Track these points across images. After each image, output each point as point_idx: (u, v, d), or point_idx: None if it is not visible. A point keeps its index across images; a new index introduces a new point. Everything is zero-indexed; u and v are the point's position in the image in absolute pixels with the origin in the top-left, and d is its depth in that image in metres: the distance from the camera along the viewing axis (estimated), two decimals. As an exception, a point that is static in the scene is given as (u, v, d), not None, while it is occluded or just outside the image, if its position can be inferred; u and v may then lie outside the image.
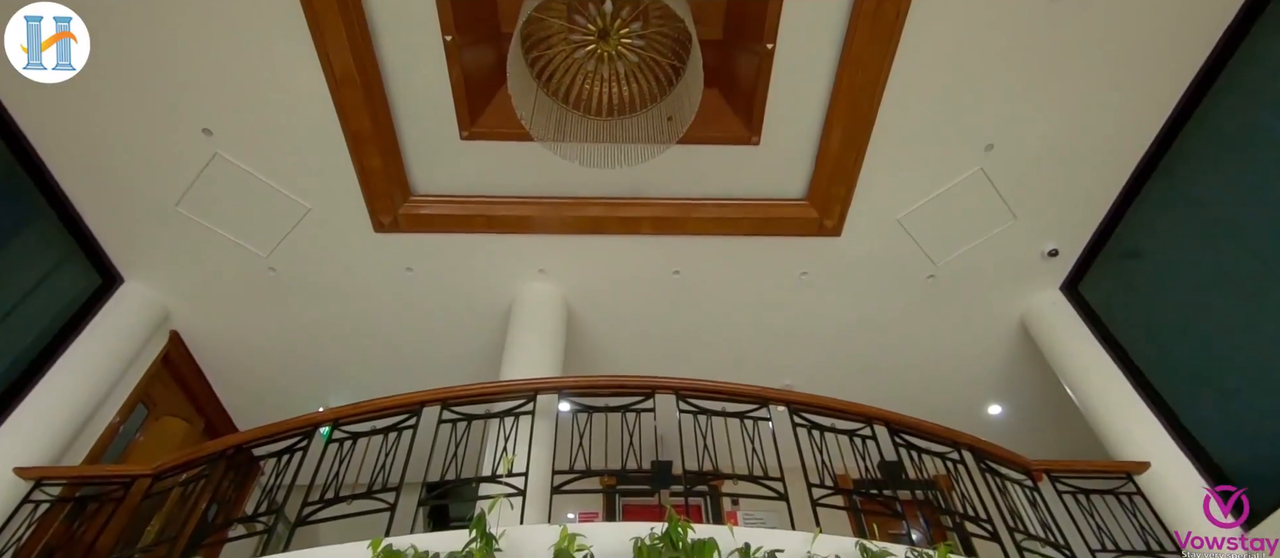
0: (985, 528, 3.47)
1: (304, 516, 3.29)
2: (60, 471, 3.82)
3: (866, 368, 6.09)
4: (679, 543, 2.67)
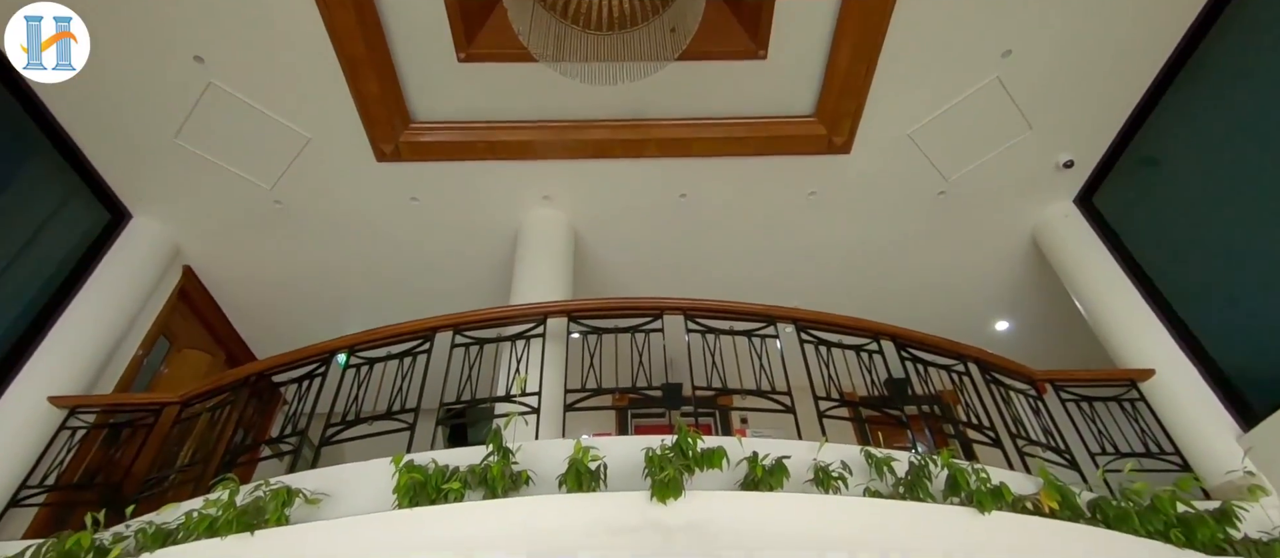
0: (988, 435, 3.56)
1: (327, 436, 3.42)
2: (92, 399, 3.97)
3: (874, 288, 6.11)
4: (689, 452, 2.76)
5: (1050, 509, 2.72)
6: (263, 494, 2.74)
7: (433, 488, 2.72)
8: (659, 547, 2.56)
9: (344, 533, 2.58)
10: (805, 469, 2.91)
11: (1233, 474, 3.40)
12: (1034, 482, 3.02)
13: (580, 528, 2.58)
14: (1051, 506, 2.71)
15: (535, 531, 2.58)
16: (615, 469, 2.88)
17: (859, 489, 2.85)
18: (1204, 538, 2.77)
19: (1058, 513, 2.72)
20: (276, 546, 2.56)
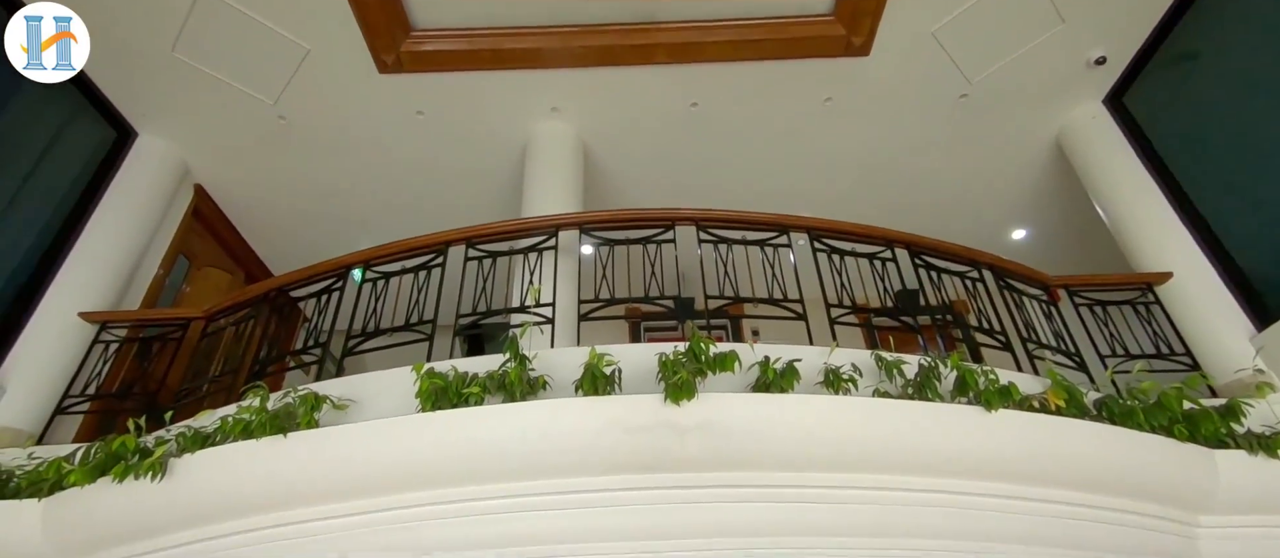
0: (998, 339, 3.59)
1: (349, 348, 3.52)
2: (120, 314, 4.10)
3: (890, 199, 6.00)
4: (702, 357, 2.81)
5: (1057, 407, 2.76)
6: (292, 400, 2.85)
7: (453, 393, 2.81)
8: (673, 445, 2.66)
9: (371, 435, 2.70)
10: (816, 373, 2.96)
11: (1242, 373, 3.42)
12: (1042, 383, 3.06)
13: (596, 428, 2.68)
14: (1058, 403, 2.76)
15: (553, 431, 2.68)
16: (629, 375, 2.95)
17: (868, 391, 2.91)
18: (1207, 433, 2.83)
19: (1064, 411, 2.77)
20: (308, 446, 2.69)
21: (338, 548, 2.74)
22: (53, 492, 2.80)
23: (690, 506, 2.73)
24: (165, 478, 2.69)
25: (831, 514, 2.75)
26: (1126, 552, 2.86)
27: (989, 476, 2.79)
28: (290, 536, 2.75)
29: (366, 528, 2.74)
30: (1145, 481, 2.85)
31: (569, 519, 2.73)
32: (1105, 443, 2.77)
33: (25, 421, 3.51)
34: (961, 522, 2.77)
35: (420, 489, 2.72)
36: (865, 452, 2.73)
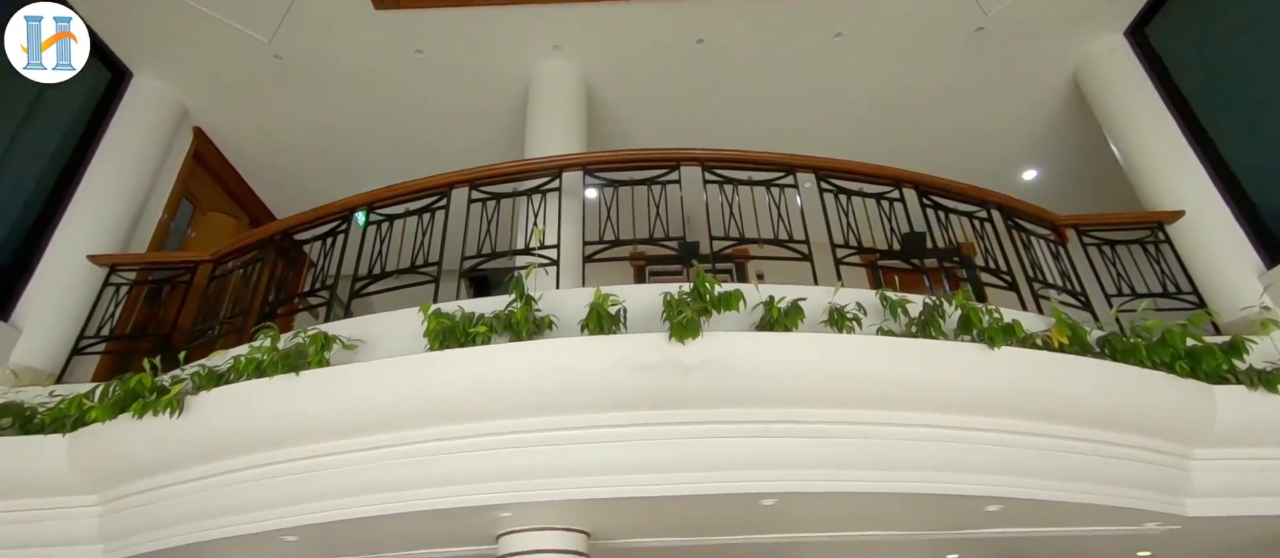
0: (1004, 279, 3.58)
1: (356, 290, 3.55)
2: (128, 257, 4.13)
3: (899, 138, 5.89)
4: (707, 296, 2.82)
5: (1059, 345, 2.78)
6: (302, 340, 2.89)
7: (461, 332, 2.84)
8: (678, 382, 2.70)
9: (381, 373, 2.75)
10: (820, 312, 2.97)
11: (1248, 310, 3.42)
12: (1046, 321, 3.07)
13: (602, 366, 2.71)
14: (1061, 341, 2.78)
15: (559, 369, 2.72)
16: (634, 315, 2.97)
17: (872, 330, 2.93)
18: (1208, 369, 2.85)
19: (1067, 348, 2.79)
20: (320, 384, 2.75)
21: (350, 482, 2.84)
22: (76, 428, 2.89)
23: (695, 441, 2.80)
24: (183, 415, 2.77)
25: (834, 449, 2.81)
26: (1121, 483, 2.94)
27: (989, 411, 2.84)
28: (304, 470, 2.84)
29: (378, 463, 2.83)
30: (1144, 416, 2.89)
31: (576, 454, 2.80)
32: (1106, 379, 2.80)
33: (44, 361, 3.59)
34: (961, 456, 2.83)
35: (430, 425, 2.80)
36: (868, 388, 2.77)
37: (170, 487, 2.93)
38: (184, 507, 2.94)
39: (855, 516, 3.32)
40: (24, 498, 3.02)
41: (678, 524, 3.40)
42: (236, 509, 2.90)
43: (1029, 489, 2.85)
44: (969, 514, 3.23)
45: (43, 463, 2.91)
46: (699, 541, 3.70)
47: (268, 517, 2.87)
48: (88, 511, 3.05)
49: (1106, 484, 2.92)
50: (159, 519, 2.97)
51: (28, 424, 2.95)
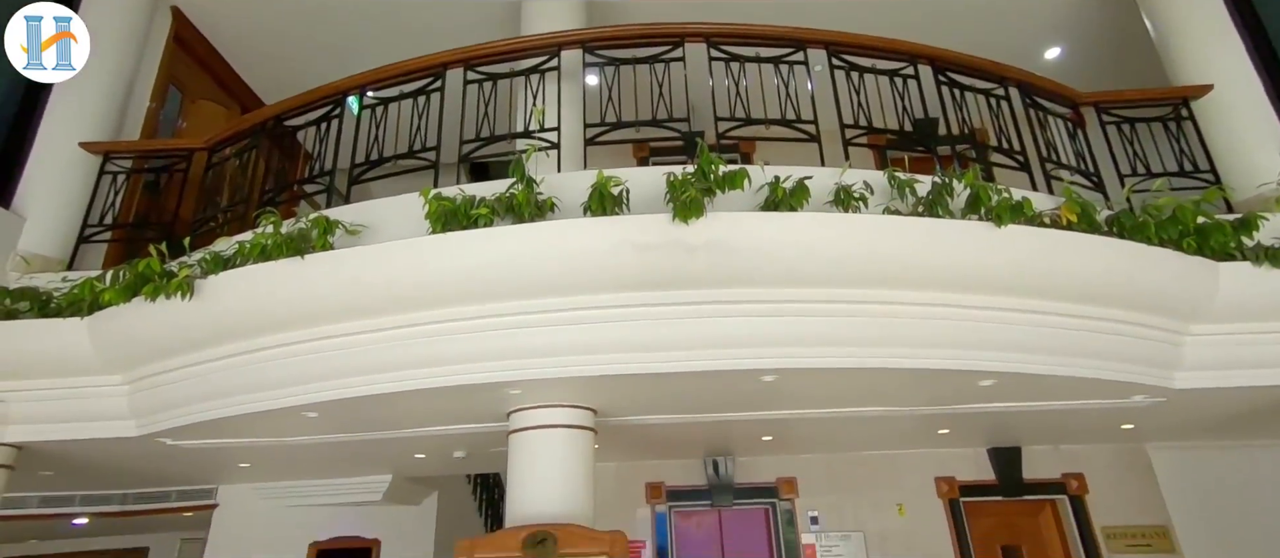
0: (1017, 160, 3.49)
1: (355, 177, 3.49)
2: (121, 145, 4.05)
3: (917, 12, 5.53)
4: (711, 175, 2.77)
5: (1068, 222, 2.75)
6: (305, 225, 2.89)
7: (462, 215, 2.83)
8: (681, 263, 2.71)
9: (385, 255, 2.76)
10: (826, 193, 2.92)
11: (1265, 187, 3.35)
12: (1057, 200, 3.02)
13: (606, 247, 2.71)
14: (1070, 219, 2.74)
15: (562, 250, 2.72)
16: (637, 196, 2.93)
17: (878, 210, 2.89)
18: (1216, 245, 2.83)
19: (1075, 226, 2.76)
20: (325, 267, 2.77)
21: (364, 362, 2.93)
22: (92, 311, 2.96)
23: (698, 320, 2.85)
24: (195, 298, 2.82)
25: (835, 326, 2.87)
26: (1113, 358, 3.01)
27: (991, 290, 2.86)
28: (319, 350, 2.93)
29: (390, 343, 2.91)
30: (1145, 293, 2.91)
31: (581, 333, 2.87)
32: (1110, 256, 2.79)
33: (52, 249, 3.62)
34: (960, 333, 2.89)
35: (437, 307, 2.85)
36: (871, 268, 2.78)
37: (192, 366, 3.04)
38: (207, 385, 3.06)
39: (852, 392, 3.44)
40: (54, 377, 3.14)
41: (681, 401, 3.55)
42: (257, 387, 3.02)
43: (1023, 364, 2.93)
44: (963, 389, 3.34)
45: (66, 345, 3.01)
46: (701, 417, 3.88)
47: (288, 394, 3.00)
48: (116, 390, 3.18)
49: (1099, 359, 3.00)
50: (184, 397, 3.11)
51: (45, 308, 3.02)
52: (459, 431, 3.86)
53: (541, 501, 3.16)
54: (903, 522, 5.16)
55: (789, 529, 5.21)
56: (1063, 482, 5.17)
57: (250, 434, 3.61)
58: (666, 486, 5.39)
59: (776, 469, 5.35)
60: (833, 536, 5.17)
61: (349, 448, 4.19)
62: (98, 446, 3.48)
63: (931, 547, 5.05)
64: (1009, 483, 5.20)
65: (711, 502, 5.34)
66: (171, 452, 3.79)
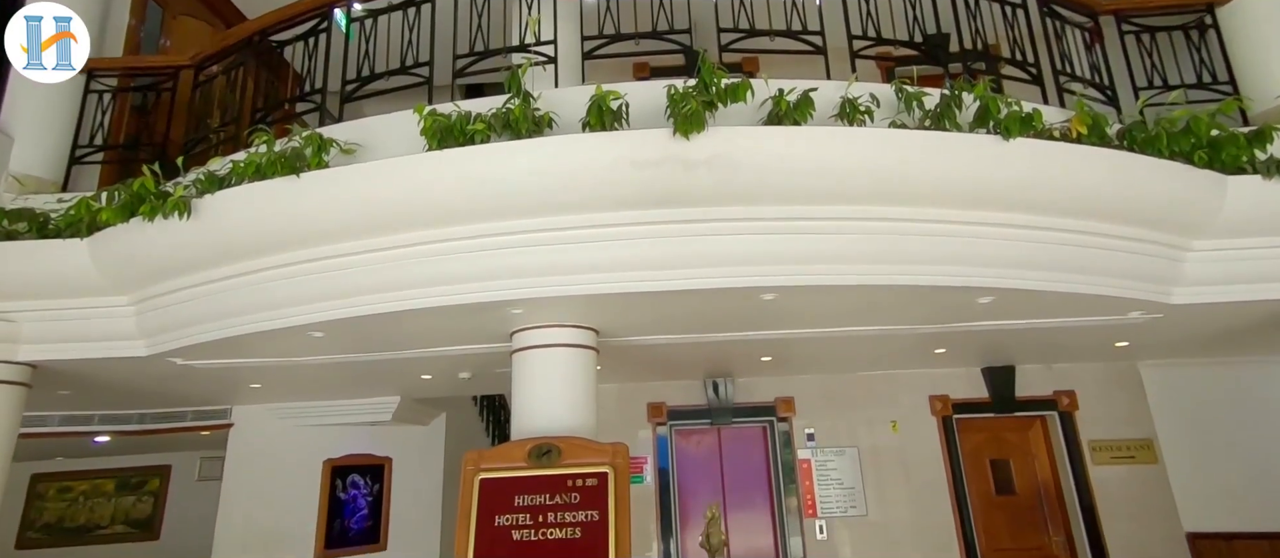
0: (1029, 71, 3.37)
1: (348, 94, 3.40)
2: (105, 61, 3.92)
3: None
4: (712, 87, 2.69)
5: (1078, 135, 2.68)
6: (299, 143, 2.83)
7: (458, 132, 2.77)
8: (681, 179, 2.67)
9: (382, 172, 2.72)
10: (831, 107, 2.85)
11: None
12: (1068, 113, 2.94)
13: (605, 163, 2.67)
14: (1080, 131, 2.68)
15: (561, 167, 2.68)
16: (637, 111, 2.86)
17: (885, 124, 2.82)
18: (1227, 158, 2.78)
19: (1085, 139, 2.70)
20: (321, 185, 2.74)
21: (366, 282, 2.95)
22: (91, 232, 2.95)
23: (699, 238, 2.83)
24: (193, 218, 2.80)
25: (836, 244, 2.85)
26: (1112, 274, 3.01)
27: (994, 206, 2.83)
28: (322, 270, 2.94)
29: (392, 263, 2.91)
30: (1150, 207, 2.88)
31: (581, 253, 2.87)
32: (1118, 170, 2.75)
33: (44, 170, 3.57)
34: (960, 249, 2.88)
35: (437, 226, 2.83)
36: (875, 184, 2.74)
37: (197, 287, 3.06)
38: (213, 305, 3.09)
39: (852, 310, 3.47)
40: (61, 298, 3.17)
41: (681, 321, 3.59)
42: (263, 307, 3.05)
43: (1022, 280, 2.94)
44: (961, 306, 3.37)
45: (69, 266, 3.02)
46: (702, 337, 3.94)
47: (293, 314, 3.04)
48: (123, 310, 3.22)
49: (1098, 275, 3.00)
50: (191, 317, 3.15)
51: (44, 229, 3.01)
52: (463, 351, 3.93)
53: (545, 416, 3.26)
54: (896, 438, 5.33)
55: (786, 447, 5.39)
56: (1054, 399, 5.31)
57: (259, 354, 3.68)
58: (668, 405, 5.54)
59: (775, 390, 5.48)
60: (828, 451, 5.36)
61: (357, 369, 4.28)
62: (110, 365, 3.56)
63: (923, 461, 5.24)
64: (1001, 401, 5.33)
65: (711, 421, 5.50)
66: (184, 372, 3.88)
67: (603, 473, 2.98)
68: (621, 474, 3.00)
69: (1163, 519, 4.96)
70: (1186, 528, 4.94)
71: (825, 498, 5.24)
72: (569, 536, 2.86)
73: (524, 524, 2.89)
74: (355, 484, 5.95)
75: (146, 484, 7.56)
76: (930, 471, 5.21)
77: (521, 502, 2.94)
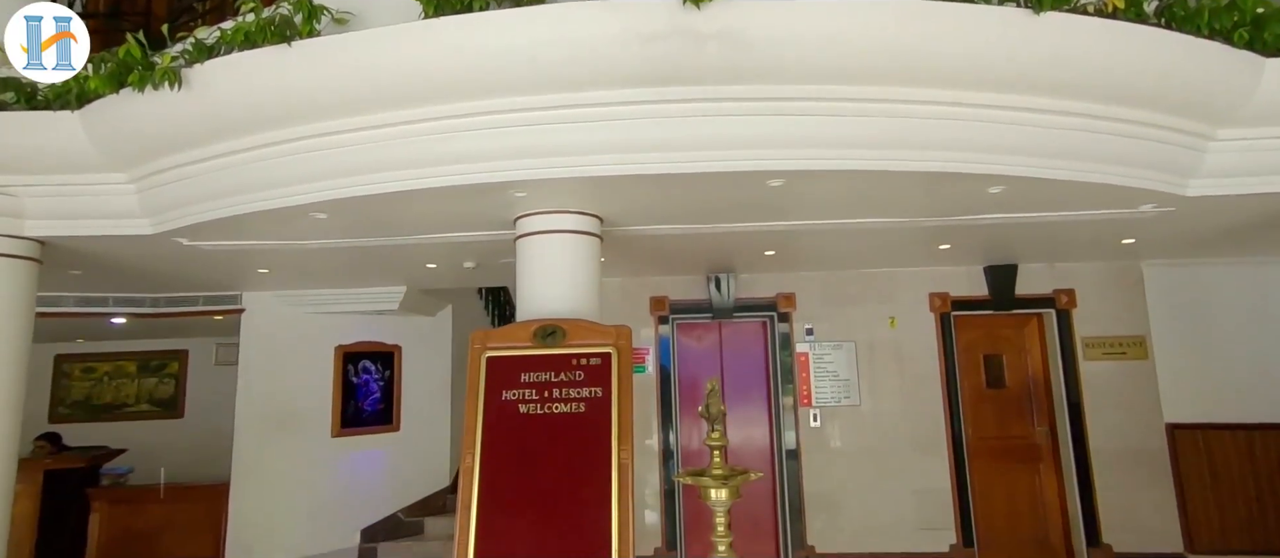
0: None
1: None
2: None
3: None
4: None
5: (1113, 10, 2.52)
6: (288, 9, 2.69)
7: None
8: (690, 54, 2.55)
9: (376, 41, 2.60)
10: (853, -23, 2.66)
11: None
12: (1107, -14, 2.75)
13: (610, 36, 2.54)
14: (1116, 5, 2.51)
15: (564, 37, 2.55)
16: (646, -21, 2.68)
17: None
18: (1270, 37, 2.62)
19: (1121, 13, 2.53)
20: (314, 54, 2.63)
21: (367, 160, 2.89)
22: (81, 103, 2.87)
23: (706, 119, 2.75)
24: (184, 89, 2.71)
25: (847, 127, 2.77)
26: (1129, 164, 2.94)
27: (1016, 88, 2.71)
28: (322, 147, 2.88)
29: (393, 141, 2.84)
30: (1180, 91, 2.76)
31: (585, 132, 2.79)
32: (1152, 48, 2.60)
33: (26, 40, 3.43)
34: (974, 135, 2.79)
35: (431, 103, 2.74)
36: (895, 61, 2.61)
37: (195, 164, 3.02)
38: (213, 184, 3.06)
39: (859, 199, 3.43)
40: (60, 174, 3.14)
41: (686, 209, 3.56)
42: (262, 186, 3.02)
43: (1035, 168, 2.87)
44: (971, 197, 3.32)
45: (63, 138, 2.96)
46: (706, 227, 3.92)
47: (293, 193, 3.01)
48: (122, 188, 3.20)
49: (1114, 165, 2.93)
50: (191, 195, 3.13)
51: (32, 100, 2.93)
52: (467, 238, 3.93)
53: (550, 300, 3.31)
54: (892, 333, 5.44)
55: (784, 342, 5.52)
56: (1053, 296, 5.36)
57: (264, 237, 3.70)
58: (670, 299, 5.62)
59: (776, 285, 5.54)
60: (825, 345, 5.48)
61: (362, 256, 4.31)
62: (117, 244, 3.58)
63: (917, 355, 5.38)
64: (1001, 298, 5.39)
65: (712, 316, 5.60)
66: (192, 254, 3.91)
67: (606, 353, 3.07)
68: (624, 355, 3.08)
69: (1146, 412, 5.15)
70: (1166, 419, 5.14)
71: (820, 390, 5.43)
72: (574, 410, 2.98)
73: (530, 399, 3.01)
74: (367, 370, 6.17)
75: (166, 367, 7.86)
76: (924, 364, 5.36)
77: (527, 379, 3.04)
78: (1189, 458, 5.09)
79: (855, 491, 5.26)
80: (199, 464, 6.31)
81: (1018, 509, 5.33)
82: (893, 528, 5.17)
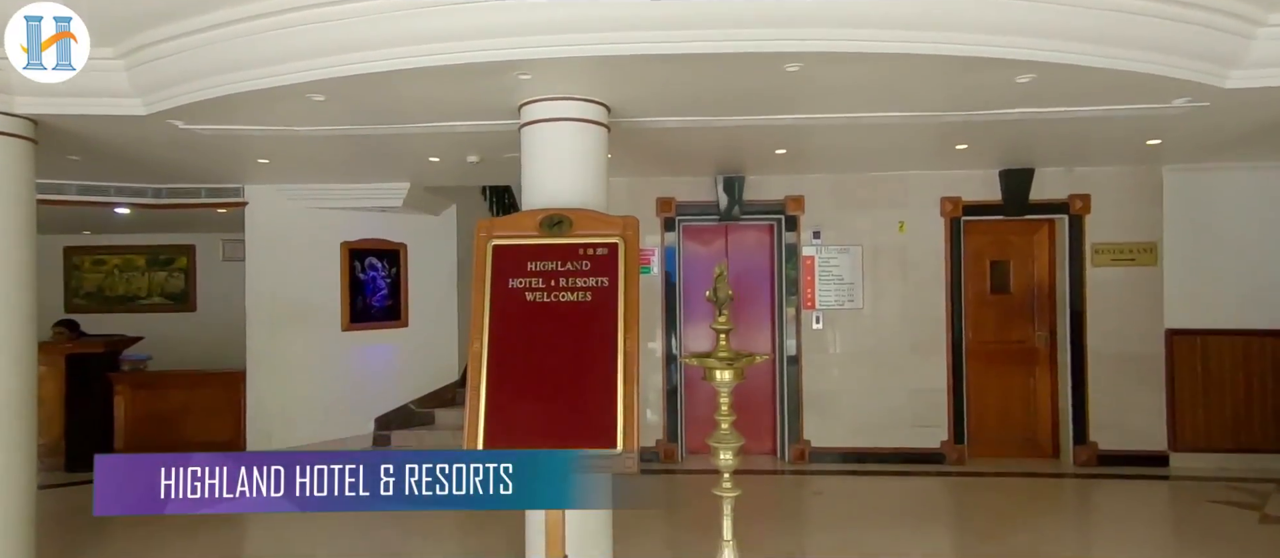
0: None
1: None
2: None
3: None
4: None
5: None
6: None
7: None
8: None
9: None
10: None
11: None
12: None
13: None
14: None
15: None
16: None
17: None
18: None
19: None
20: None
21: (366, 35, 2.75)
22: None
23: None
24: (165, -49, 2.53)
25: (873, 6, 2.59)
26: (1168, 51, 2.78)
27: (1057, -38, 2.51)
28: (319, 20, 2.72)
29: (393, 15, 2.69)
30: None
31: (590, 8, 2.62)
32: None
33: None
34: (1002, 15, 2.62)
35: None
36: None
37: (183, 37, 2.87)
38: (204, 60, 2.94)
39: (879, 91, 3.28)
40: (42, 48, 3.00)
41: (696, 99, 3.42)
42: (257, 63, 2.90)
43: (1069, 54, 2.72)
44: (997, 88, 3.17)
45: (40, 6, 2.81)
46: (716, 120, 3.79)
47: (289, 70, 2.89)
48: (110, 64, 3.07)
49: (1151, 51, 2.77)
50: (182, 72, 3.01)
51: (7, -36, 2.75)
52: (471, 127, 3.82)
53: (556, 189, 3.25)
54: (900, 237, 5.40)
55: (791, 245, 5.48)
56: (1067, 202, 5.27)
57: (261, 121, 3.59)
58: (677, 200, 5.55)
59: (786, 188, 5.44)
60: (831, 248, 5.46)
61: (363, 146, 4.22)
62: (112, 125, 3.49)
63: (924, 259, 5.36)
64: (1014, 203, 5.30)
65: (720, 218, 5.54)
66: (189, 140, 3.82)
67: (613, 244, 3.03)
68: (631, 246, 3.05)
69: (1147, 317, 5.19)
70: (1167, 326, 5.18)
71: (824, 293, 5.46)
72: (580, 298, 2.99)
73: (536, 287, 3.00)
74: (373, 267, 6.21)
75: (175, 262, 7.94)
76: (929, 268, 5.36)
77: (534, 267, 3.03)
78: (1184, 362, 5.18)
79: (853, 390, 5.40)
80: (213, 357, 6.51)
81: (1011, 409, 5.50)
82: (887, 426, 5.35)
